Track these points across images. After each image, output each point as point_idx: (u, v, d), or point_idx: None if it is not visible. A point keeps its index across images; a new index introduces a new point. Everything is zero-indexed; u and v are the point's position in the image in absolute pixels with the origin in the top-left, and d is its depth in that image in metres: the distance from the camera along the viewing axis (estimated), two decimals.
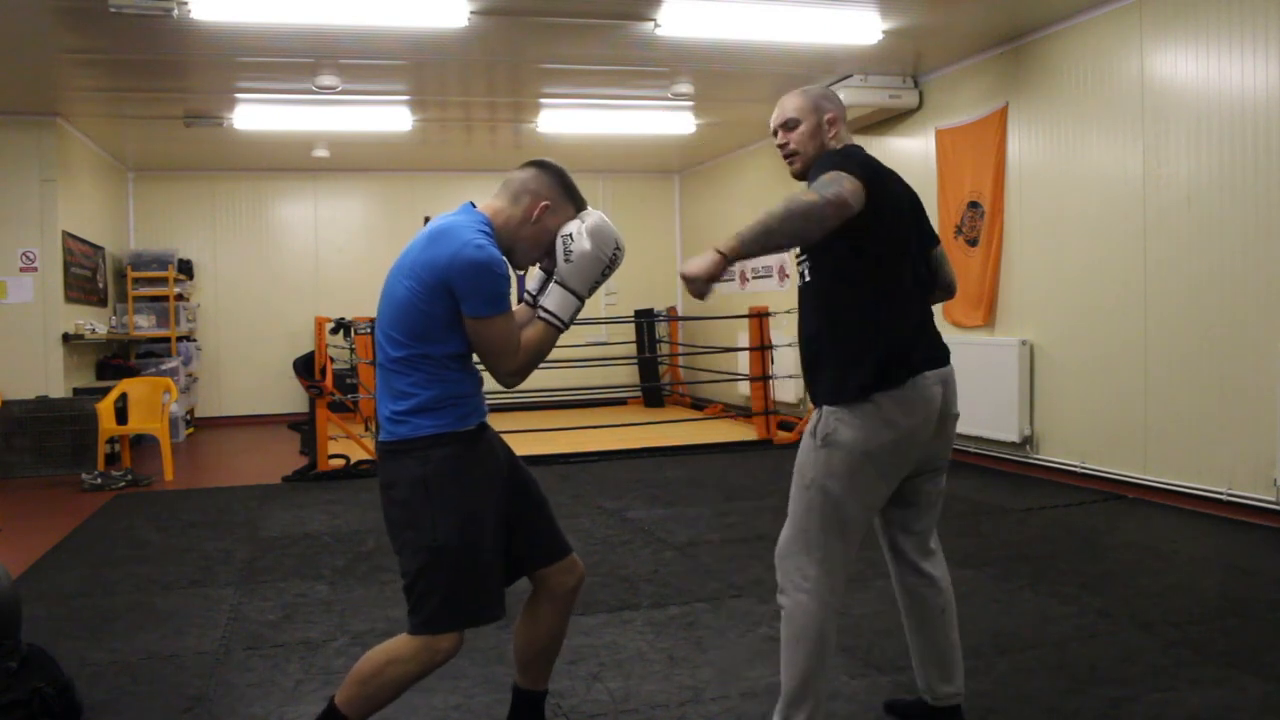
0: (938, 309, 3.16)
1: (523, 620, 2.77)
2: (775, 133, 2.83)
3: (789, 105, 2.81)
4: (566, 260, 2.55)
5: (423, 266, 2.44)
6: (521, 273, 2.71)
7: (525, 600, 2.78)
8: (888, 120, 8.56)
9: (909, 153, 8.39)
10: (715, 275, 2.34)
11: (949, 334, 8.03)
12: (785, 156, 2.82)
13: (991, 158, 7.30)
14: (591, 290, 2.60)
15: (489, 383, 2.64)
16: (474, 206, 2.59)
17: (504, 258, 2.51)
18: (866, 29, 6.72)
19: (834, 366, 2.68)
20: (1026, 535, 5.40)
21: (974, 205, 7.54)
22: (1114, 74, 6.28)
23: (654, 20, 6.42)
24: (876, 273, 2.69)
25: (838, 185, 2.49)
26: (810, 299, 2.75)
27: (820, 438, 2.65)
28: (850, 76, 7.97)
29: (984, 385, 7.31)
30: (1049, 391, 6.95)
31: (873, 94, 8.05)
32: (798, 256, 2.77)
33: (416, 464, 2.49)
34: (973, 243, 7.56)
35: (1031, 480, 6.88)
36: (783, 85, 8.38)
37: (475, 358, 2.55)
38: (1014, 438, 7.07)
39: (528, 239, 2.60)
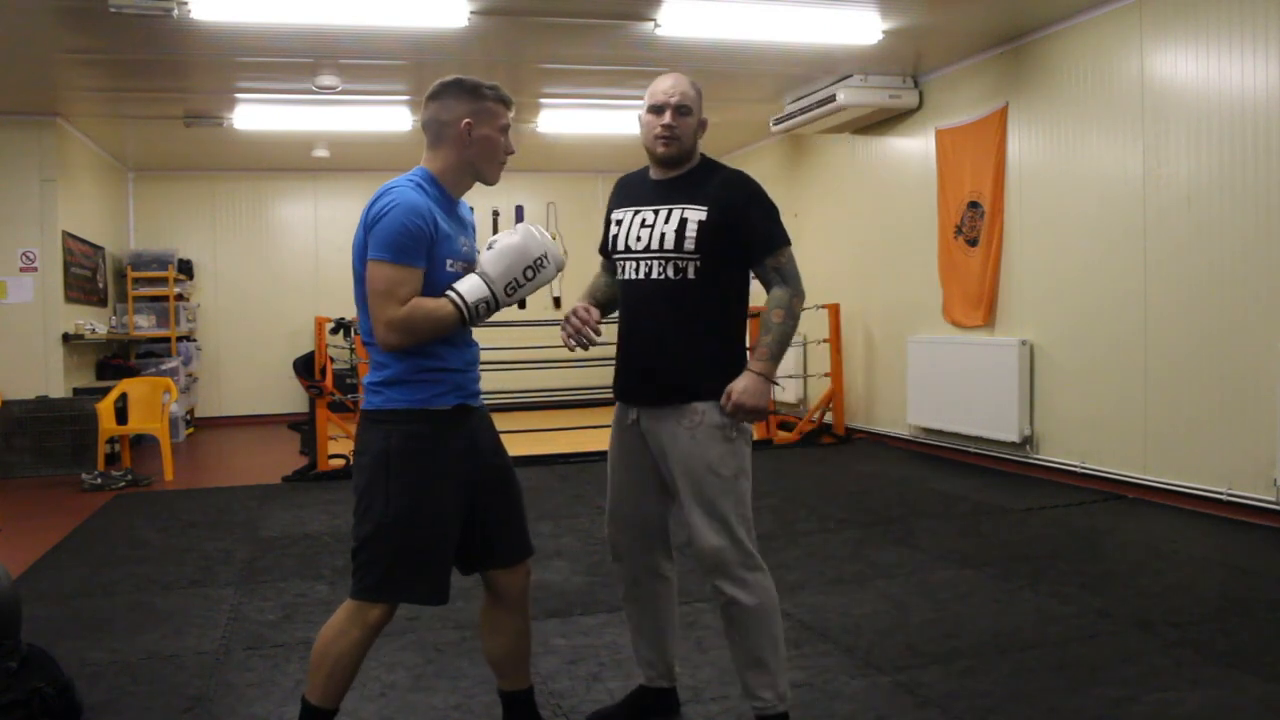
0: (938, 309, 3.23)
1: (485, 629, 2.82)
2: (663, 110, 2.81)
3: (689, 91, 2.85)
4: (488, 248, 2.60)
5: (361, 232, 2.54)
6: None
7: (481, 608, 2.82)
8: (887, 120, 8.56)
9: (909, 153, 8.40)
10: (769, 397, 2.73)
11: (949, 334, 8.13)
12: (666, 138, 2.81)
13: (991, 158, 7.30)
14: (510, 288, 2.57)
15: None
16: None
17: (422, 209, 2.50)
18: (866, 29, 6.72)
19: (723, 364, 2.79)
20: (1026, 535, 5.40)
21: (974, 205, 7.54)
22: (1114, 74, 6.28)
23: (654, 20, 6.42)
24: (744, 286, 2.92)
25: (794, 265, 2.81)
26: (687, 297, 2.80)
27: (735, 430, 2.77)
28: (850, 76, 7.97)
29: (984, 385, 7.32)
30: (1049, 391, 6.95)
31: (873, 94, 8.06)
32: (668, 250, 2.79)
33: (382, 436, 2.54)
34: (973, 243, 7.56)
35: (1031, 480, 6.88)
36: (782, 85, 8.43)
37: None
38: (1014, 438, 7.08)
39: (478, 157, 2.63)
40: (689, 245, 2.76)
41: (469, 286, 2.53)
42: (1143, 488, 6.15)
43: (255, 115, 8.82)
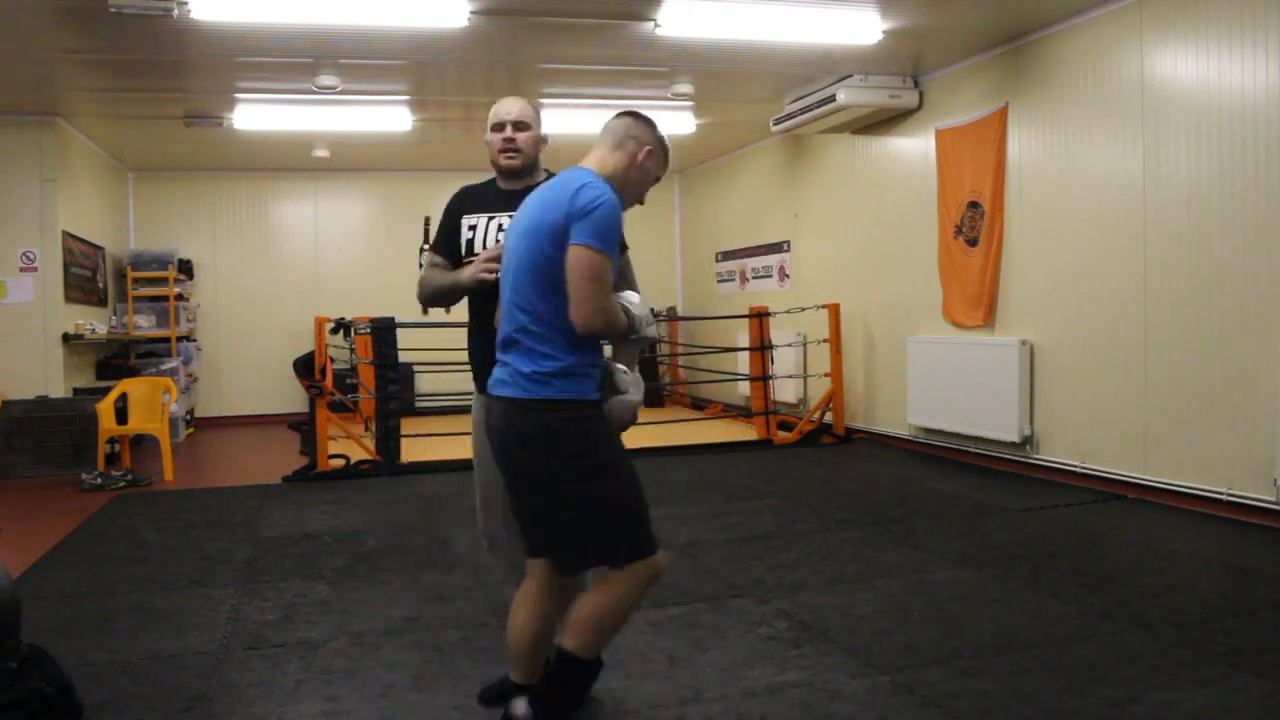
0: (938, 309, 3.26)
1: (540, 611, 2.81)
2: (504, 126, 3.17)
3: (527, 109, 3.22)
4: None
5: (557, 217, 2.64)
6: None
7: (528, 596, 2.81)
8: (888, 120, 8.56)
9: (909, 153, 8.40)
10: None
11: (949, 334, 8.13)
12: (509, 151, 3.19)
13: (992, 158, 7.30)
14: (644, 324, 2.81)
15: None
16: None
17: (618, 207, 2.69)
18: (866, 29, 6.72)
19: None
20: (1026, 535, 5.40)
21: (974, 205, 7.54)
22: (1114, 74, 6.29)
23: (654, 20, 6.42)
24: None
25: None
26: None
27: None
28: (850, 76, 7.97)
29: (983, 385, 7.32)
30: (1049, 391, 6.95)
31: (873, 94, 8.05)
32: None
33: (563, 422, 2.66)
34: (973, 243, 7.56)
35: (1031, 480, 6.88)
36: (782, 85, 8.43)
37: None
38: (1014, 438, 7.08)
39: (634, 183, 2.84)
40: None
41: (636, 304, 2.80)
42: (1142, 487, 6.15)
43: (255, 115, 8.82)
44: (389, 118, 8.96)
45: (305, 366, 8.95)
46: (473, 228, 3.22)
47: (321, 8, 5.97)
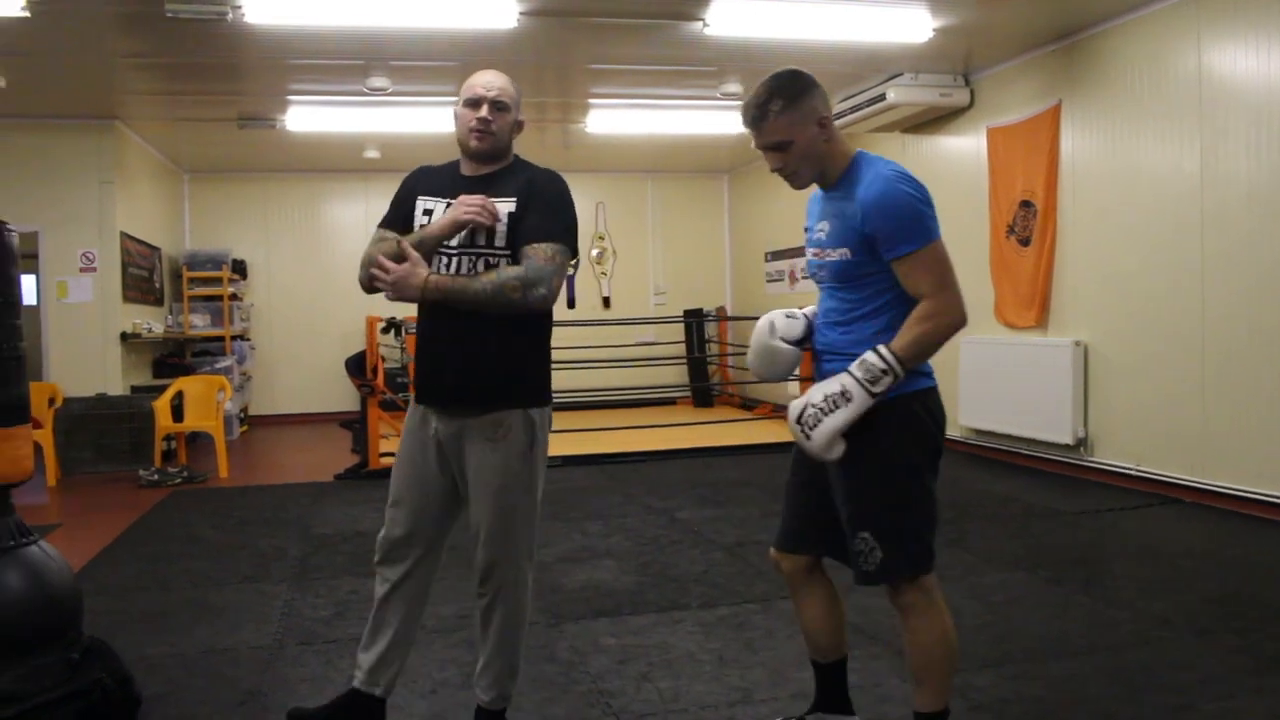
0: (990, 309, 3.17)
1: (821, 599, 2.80)
2: (479, 103, 2.76)
3: (508, 88, 2.79)
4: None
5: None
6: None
7: (803, 587, 2.81)
8: (938, 119, 8.48)
9: (960, 152, 8.31)
10: None
11: (1001, 334, 8.01)
12: (480, 131, 2.76)
13: (1044, 156, 7.21)
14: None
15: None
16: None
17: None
18: (917, 27, 6.66)
19: (534, 369, 2.81)
20: (1080, 539, 5.33)
21: (1026, 204, 7.45)
22: (1170, 70, 6.18)
23: (703, 20, 6.41)
24: None
25: (554, 264, 2.69)
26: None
27: (540, 441, 2.79)
28: (900, 75, 7.90)
29: (1036, 386, 7.22)
30: (1103, 393, 6.84)
31: (923, 92, 7.98)
32: (480, 246, 2.70)
33: (921, 417, 2.55)
34: (1025, 242, 7.47)
35: (1085, 483, 6.78)
36: (832, 84, 8.36)
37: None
38: (1067, 439, 6.98)
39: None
40: (500, 241, 2.68)
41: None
42: (1200, 491, 6.04)
43: (307, 117, 8.92)
44: (439, 118, 9.00)
45: (357, 365, 9.04)
46: (428, 212, 2.81)
47: (372, 10, 6.03)
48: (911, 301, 2.47)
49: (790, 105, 2.52)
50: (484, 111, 2.74)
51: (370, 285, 2.79)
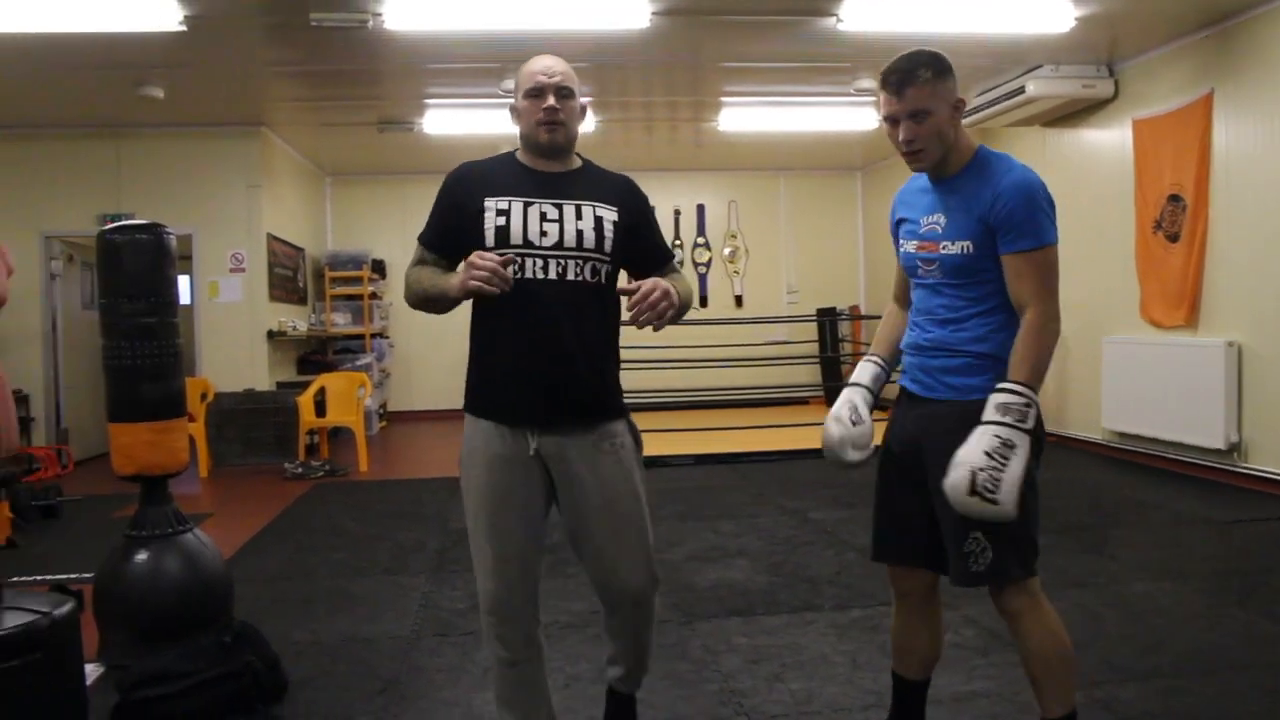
0: (1135, 308, 3.03)
1: (934, 618, 2.80)
2: (543, 92, 2.57)
3: (569, 72, 2.61)
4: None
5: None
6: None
7: (922, 605, 2.80)
8: (1080, 111, 8.19)
9: (1103, 145, 8.01)
10: None
11: (1147, 334, 7.70)
12: (550, 123, 2.59)
13: (1194, 148, 6.89)
14: None
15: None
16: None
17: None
18: (1058, 16, 6.45)
19: (616, 378, 2.68)
20: (1234, 548, 5.08)
21: (1175, 199, 7.14)
22: None
23: (836, 15, 6.33)
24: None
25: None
26: (607, 302, 2.61)
27: (640, 449, 2.68)
28: (1040, 67, 7.65)
29: (1185, 388, 6.91)
30: (1259, 396, 6.50)
31: (1064, 84, 7.71)
32: (588, 250, 2.53)
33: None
34: (1173, 238, 7.15)
35: (1238, 490, 6.46)
36: (969, 78, 8.16)
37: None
38: (1219, 444, 6.65)
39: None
40: (608, 246, 2.54)
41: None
42: None
43: (444, 120, 9.12)
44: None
45: None
46: (503, 213, 2.54)
47: (506, 14, 6.13)
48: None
49: (937, 77, 2.40)
50: (550, 100, 2.54)
51: (421, 309, 2.82)
